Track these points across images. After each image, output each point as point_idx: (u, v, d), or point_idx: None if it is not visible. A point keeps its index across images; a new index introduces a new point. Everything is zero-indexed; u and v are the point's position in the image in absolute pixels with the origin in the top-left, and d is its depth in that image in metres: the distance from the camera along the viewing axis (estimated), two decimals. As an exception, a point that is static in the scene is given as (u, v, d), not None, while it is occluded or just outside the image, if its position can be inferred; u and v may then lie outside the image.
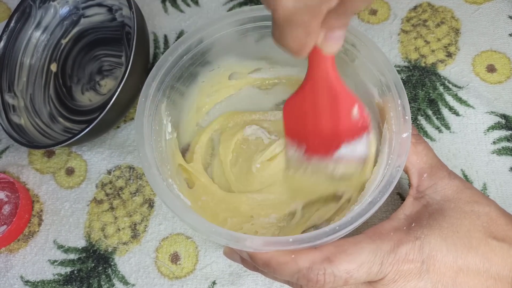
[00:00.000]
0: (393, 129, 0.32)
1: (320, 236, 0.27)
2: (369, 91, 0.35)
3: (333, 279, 0.27)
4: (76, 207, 0.42)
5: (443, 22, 0.45)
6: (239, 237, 0.28)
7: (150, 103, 0.34)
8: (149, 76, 0.34)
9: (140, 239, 0.40)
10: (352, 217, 0.28)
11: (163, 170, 0.33)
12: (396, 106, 0.32)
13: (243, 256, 0.32)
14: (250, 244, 0.28)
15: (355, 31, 0.34)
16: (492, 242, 0.28)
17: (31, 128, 0.43)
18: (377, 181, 0.31)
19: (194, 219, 0.29)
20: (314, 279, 0.28)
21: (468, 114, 0.41)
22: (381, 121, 0.34)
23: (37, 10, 0.46)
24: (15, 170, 0.44)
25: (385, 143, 0.33)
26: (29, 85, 0.46)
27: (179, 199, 0.32)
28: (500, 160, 0.39)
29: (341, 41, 0.27)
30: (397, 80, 0.32)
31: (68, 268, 0.39)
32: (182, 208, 0.30)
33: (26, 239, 0.41)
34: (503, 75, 0.43)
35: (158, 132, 0.35)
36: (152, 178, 0.31)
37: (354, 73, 0.36)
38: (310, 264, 0.28)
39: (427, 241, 0.28)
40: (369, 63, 0.34)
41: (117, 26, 0.46)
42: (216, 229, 0.28)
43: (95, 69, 0.47)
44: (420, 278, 0.28)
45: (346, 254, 0.28)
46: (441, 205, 0.30)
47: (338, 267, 0.27)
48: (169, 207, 0.30)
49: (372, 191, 0.30)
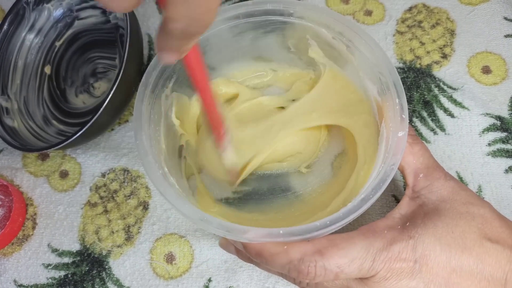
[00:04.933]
0: (390, 128, 0.32)
1: (311, 229, 0.28)
2: (368, 89, 0.35)
3: (323, 272, 0.28)
4: (70, 210, 0.41)
5: (438, 23, 0.45)
6: (230, 227, 0.28)
7: (150, 92, 0.34)
8: (150, 65, 0.34)
9: (134, 241, 0.40)
10: (344, 213, 0.28)
11: (159, 159, 0.33)
12: (394, 104, 0.32)
13: (238, 246, 0.32)
14: (241, 235, 0.28)
15: (356, 28, 0.34)
16: (487, 243, 0.28)
17: (25, 131, 0.43)
18: (371, 179, 0.31)
19: (187, 207, 0.29)
20: (304, 271, 0.28)
21: (463, 115, 0.41)
22: (379, 120, 0.34)
23: (31, 12, 0.45)
24: (8, 173, 0.43)
25: (382, 141, 0.33)
26: (22, 87, 0.45)
27: (173, 187, 0.32)
28: (495, 162, 0.39)
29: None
30: (397, 79, 0.32)
31: (62, 272, 0.39)
32: (176, 197, 0.30)
33: (20, 242, 0.41)
34: (498, 76, 0.42)
35: (157, 122, 0.35)
36: (147, 165, 0.31)
37: (354, 70, 0.36)
38: (301, 256, 0.28)
39: (421, 241, 0.28)
40: (369, 61, 0.34)
41: (111, 28, 0.46)
42: (208, 218, 0.29)
43: (89, 72, 0.46)
44: (412, 277, 0.28)
45: (338, 248, 0.28)
46: (437, 206, 0.30)
47: (329, 261, 0.27)
48: (163, 194, 0.30)
49: (365, 189, 0.30)
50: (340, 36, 0.35)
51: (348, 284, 0.30)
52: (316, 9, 0.35)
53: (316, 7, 0.35)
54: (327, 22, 0.35)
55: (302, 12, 0.35)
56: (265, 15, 0.36)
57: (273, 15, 0.36)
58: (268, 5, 0.35)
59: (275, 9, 0.36)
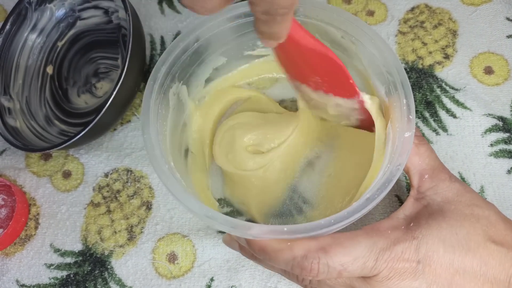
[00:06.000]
0: (396, 128, 0.32)
1: (315, 227, 0.28)
2: (376, 89, 0.35)
3: (327, 269, 0.28)
4: (73, 210, 0.41)
5: (440, 23, 0.45)
6: (235, 223, 0.28)
7: (158, 87, 0.34)
8: (159, 60, 0.35)
9: (136, 241, 0.40)
10: (349, 212, 0.28)
11: (166, 154, 0.33)
12: (401, 105, 0.32)
13: (241, 243, 0.32)
14: (245, 231, 0.28)
15: (366, 27, 0.34)
16: (491, 245, 0.28)
17: (27, 131, 0.43)
18: (377, 179, 0.31)
19: (193, 203, 0.29)
20: (308, 268, 0.28)
21: (466, 116, 0.41)
22: (386, 120, 0.34)
23: (33, 12, 0.45)
24: (11, 173, 0.43)
25: (389, 142, 0.33)
26: (25, 87, 0.45)
27: (180, 183, 0.32)
28: (498, 162, 0.39)
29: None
30: (404, 79, 0.32)
31: (64, 272, 0.39)
32: (182, 192, 0.30)
33: (23, 242, 0.41)
34: (500, 77, 0.42)
35: (164, 117, 0.35)
36: (154, 159, 0.31)
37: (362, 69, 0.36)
38: (305, 252, 0.28)
39: (425, 241, 0.28)
40: (378, 60, 0.34)
41: (113, 28, 0.46)
42: (213, 214, 0.29)
43: (91, 72, 0.46)
44: (415, 278, 0.28)
45: (341, 246, 0.28)
46: (441, 207, 0.30)
47: (332, 258, 0.27)
48: (169, 189, 0.30)
49: (371, 188, 0.30)
50: (349, 35, 0.35)
51: (350, 283, 0.30)
52: (325, 8, 0.35)
53: (325, 5, 0.35)
54: (335, 20, 0.35)
55: (310, 10, 0.35)
56: None
57: None
58: None
59: None
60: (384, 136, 0.33)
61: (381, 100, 0.35)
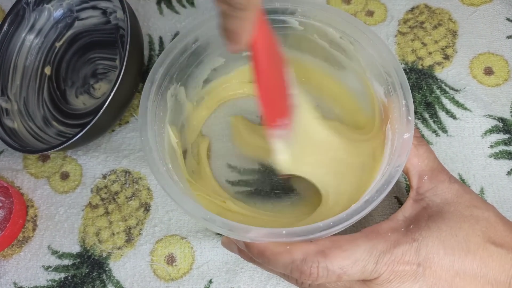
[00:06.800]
0: (396, 130, 0.31)
1: (314, 230, 0.27)
2: (375, 90, 0.35)
3: (326, 273, 0.27)
4: (71, 212, 0.41)
5: (440, 24, 0.45)
6: (233, 226, 0.28)
7: (156, 88, 0.34)
8: (157, 61, 0.34)
9: (134, 243, 0.39)
10: (348, 214, 0.28)
11: (164, 156, 0.33)
12: (400, 106, 0.31)
13: (240, 246, 0.32)
14: (244, 234, 0.28)
15: (364, 28, 0.34)
16: (491, 247, 0.28)
17: (25, 132, 0.43)
18: (376, 180, 0.31)
19: (190, 205, 0.29)
20: (307, 272, 0.28)
21: (465, 117, 0.41)
22: (385, 121, 0.34)
23: (31, 13, 0.45)
24: (9, 174, 0.43)
25: (388, 143, 0.33)
26: (22, 88, 0.45)
27: (178, 185, 0.32)
28: (498, 164, 0.39)
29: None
30: (403, 80, 0.32)
31: (62, 274, 0.39)
32: (180, 194, 0.30)
33: (20, 244, 0.41)
34: (500, 77, 0.42)
35: (162, 119, 0.35)
36: (152, 162, 0.31)
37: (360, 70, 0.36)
38: (304, 256, 0.28)
39: (425, 243, 0.28)
40: (377, 61, 0.34)
41: (111, 29, 0.46)
42: (211, 217, 0.29)
43: (89, 72, 0.46)
44: (416, 281, 0.28)
45: (341, 249, 0.28)
46: (441, 208, 0.30)
47: (332, 262, 0.27)
48: (167, 191, 0.30)
49: (369, 190, 0.30)
50: (347, 36, 0.35)
51: (350, 286, 0.30)
52: (324, 8, 0.35)
53: (323, 6, 0.35)
54: (334, 21, 0.35)
55: (309, 10, 0.35)
56: (273, 13, 0.36)
57: (281, 14, 0.36)
58: (276, 3, 0.35)
59: (283, 8, 0.35)
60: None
61: (380, 101, 0.34)
